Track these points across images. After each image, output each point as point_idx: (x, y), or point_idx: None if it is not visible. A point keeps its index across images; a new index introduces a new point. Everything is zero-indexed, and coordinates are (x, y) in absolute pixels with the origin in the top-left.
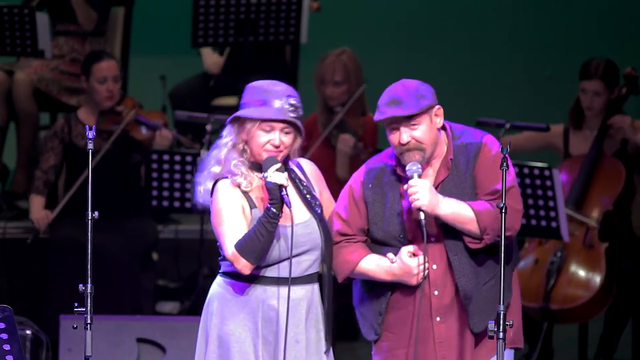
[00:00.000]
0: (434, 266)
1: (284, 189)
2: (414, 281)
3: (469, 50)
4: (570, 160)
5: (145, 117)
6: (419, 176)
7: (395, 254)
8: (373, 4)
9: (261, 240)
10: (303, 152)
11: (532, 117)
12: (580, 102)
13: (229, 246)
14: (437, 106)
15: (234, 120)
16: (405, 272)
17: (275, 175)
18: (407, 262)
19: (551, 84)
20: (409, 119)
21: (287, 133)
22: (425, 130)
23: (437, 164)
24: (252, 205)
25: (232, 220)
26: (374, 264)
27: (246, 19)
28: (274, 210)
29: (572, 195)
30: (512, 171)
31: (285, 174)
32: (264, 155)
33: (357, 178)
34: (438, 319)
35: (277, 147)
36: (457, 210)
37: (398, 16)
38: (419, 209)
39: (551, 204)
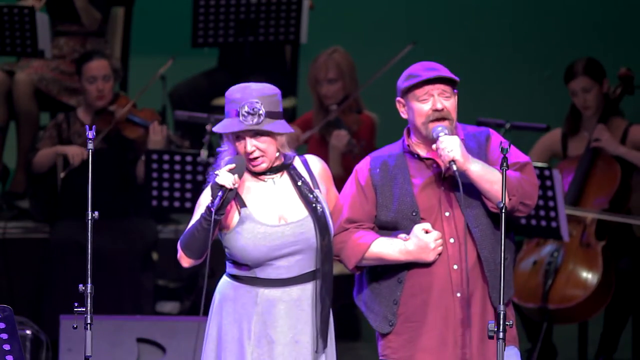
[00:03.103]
0: (451, 240)
1: (224, 191)
2: (431, 257)
3: (469, 50)
4: (567, 160)
5: (137, 116)
6: (445, 135)
7: (407, 235)
8: (373, 4)
9: (196, 235)
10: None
11: (532, 117)
12: (575, 105)
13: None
14: (456, 91)
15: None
16: (422, 249)
17: (222, 175)
18: (423, 238)
19: (551, 84)
20: (444, 88)
21: (257, 137)
22: (454, 105)
23: None
24: (242, 204)
25: (195, 217)
26: (386, 245)
27: (246, 19)
28: (211, 209)
29: (569, 194)
30: (521, 153)
31: (235, 176)
32: (248, 163)
33: (362, 166)
34: (458, 294)
35: (250, 153)
36: (486, 169)
37: (397, 16)
38: (452, 162)
39: (551, 204)
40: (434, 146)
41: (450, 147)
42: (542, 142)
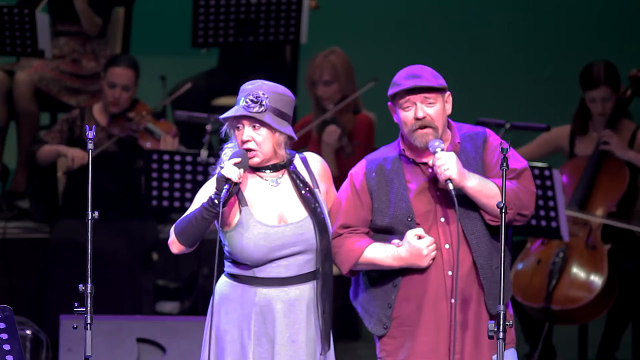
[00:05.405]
0: (446, 246)
1: (230, 184)
2: (424, 263)
3: (469, 50)
4: (574, 161)
5: (155, 126)
6: (442, 150)
7: (401, 240)
8: (373, 4)
9: (193, 223)
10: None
11: (532, 117)
12: (591, 111)
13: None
14: (448, 92)
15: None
16: (414, 255)
17: (228, 168)
18: (415, 244)
19: (551, 84)
20: (426, 95)
21: (256, 128)
22: (439, 111)
23: (445, 146)
24: (244, 204)
25: (194, 205)
26: (380, 251)
27: (246, 19)
28: (215, 201)
29: (576, 196)
30: (519, 157)
31: (241, 171)
32: None
33: (358, 170)
34: (453, 300)
35: (245, 141)
36: (482, 184)
37: (398, 16)
38: (448, 180)
39: (551, 204)
40: (430, 162)
41: (447, 165)
42: (546, 136)
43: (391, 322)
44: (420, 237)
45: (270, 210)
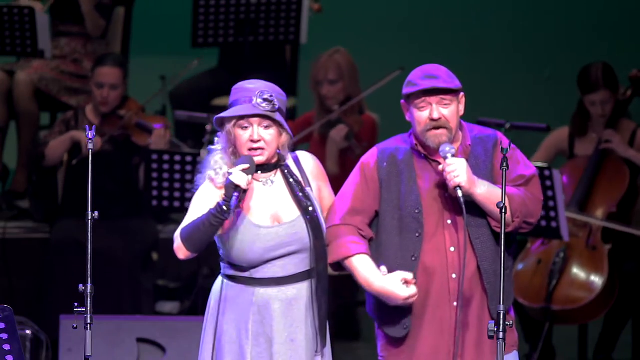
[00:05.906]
0: (452, 249)
1: (239, 191)
2: (393, 304)
3: (469, 50)
4: (574, 161)
5: (145, 120)
6: (453, 156)
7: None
8: (373, 4)
9: (201, 230)
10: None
11: (532, 117)
12: (590, 113)
13: (179, 228)
14: (462, 93)
15: (220, 125)
16: (389, 297)
17: (237, 175)
18: (398, 292)
19: (551, 84)
20: (442, 96)
21: (266, 127)
22: (454, 112)
23: (455, 148)
24: (238, 205)
25: (195, 211)
26: (363, 268)
27: (246, 19)
28: (224, 208)
29: (576, 197)
30: (529, 163)
31: (249, 177)
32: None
33: (369, 158)
34: (455, 303)
35: (256, 141)
36: (491, 191)
37: (400, 16)
38: (458, 187)
39: (551, 204)
40: (440, 167)
41: (457, 172)
42: (549, 141)
43: (411, 321)
44: (406, 282)
45: (264, 211)
